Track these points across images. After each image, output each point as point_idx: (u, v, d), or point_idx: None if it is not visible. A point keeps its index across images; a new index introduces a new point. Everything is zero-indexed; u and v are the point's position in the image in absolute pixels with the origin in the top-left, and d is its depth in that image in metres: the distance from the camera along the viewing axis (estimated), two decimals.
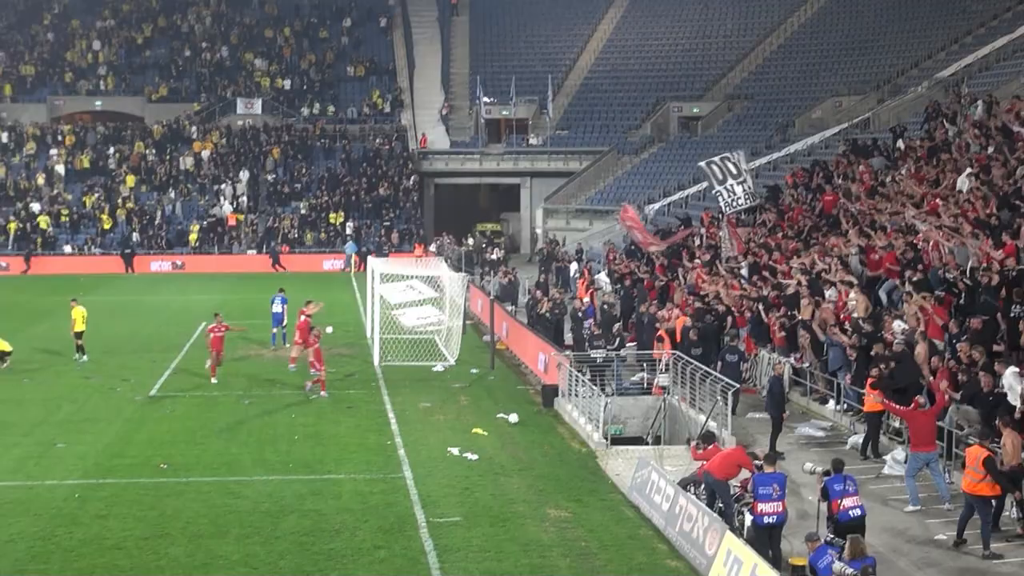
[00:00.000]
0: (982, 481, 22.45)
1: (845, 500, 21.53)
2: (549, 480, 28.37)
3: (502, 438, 32.49)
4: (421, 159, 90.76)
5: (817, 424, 32.79)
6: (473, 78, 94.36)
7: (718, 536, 21.62)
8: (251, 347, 45.96)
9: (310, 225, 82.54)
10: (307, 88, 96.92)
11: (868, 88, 78.68)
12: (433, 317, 44.97)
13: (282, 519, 25.16)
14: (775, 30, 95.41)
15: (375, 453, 30.72)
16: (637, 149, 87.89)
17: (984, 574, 21.46)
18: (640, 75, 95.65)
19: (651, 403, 33.63)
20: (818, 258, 39.79)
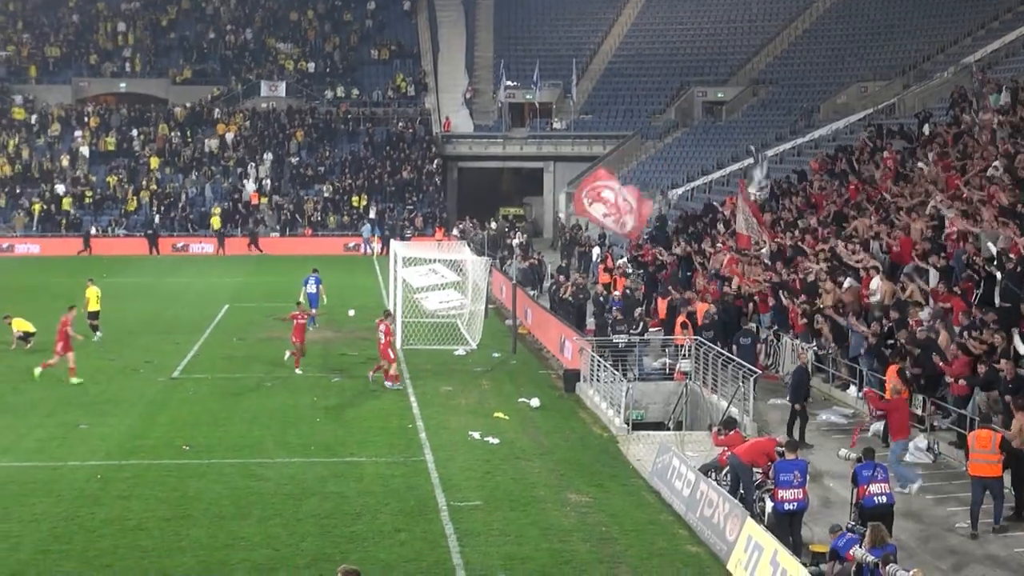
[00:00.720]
0: (991, 463, 22.75)
1: (872, 486, 21.48)
2: (570, 465, 28.40)
3: (523, 422, 32.53)
4: (444, 143, 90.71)
5: (839, 411, 32.72)
6: (497, 62, 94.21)
7: (739, 522, 21.62)
8: (277, 329, 46.02)
9: (333, 207, 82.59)
10: (331, 71, 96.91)
11: (893, 73, 78.42)
12: (455, 301, 44.98)
13: (304, 501, 25.24)
14: (801, 15, 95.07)
15: (397, 436, 30.77)
16: (661, 134, 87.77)
17: (1004, 563, 21.39)
18: (664, 59, 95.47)
19: (673, 388, 33.64)
20: (842, 244, 39.65)
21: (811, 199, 49.99)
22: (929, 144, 48.25)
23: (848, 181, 49.43)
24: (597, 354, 34.49)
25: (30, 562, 21.65)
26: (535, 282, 54.87)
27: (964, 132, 46.79)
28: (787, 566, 19.47)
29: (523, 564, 21.65)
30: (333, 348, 42.84)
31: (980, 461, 23.00)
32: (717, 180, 72.15)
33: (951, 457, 27.28)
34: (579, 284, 47.16)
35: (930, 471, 26.91)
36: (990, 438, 23.01)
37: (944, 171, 42.27)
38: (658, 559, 22.11)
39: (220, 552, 22.10)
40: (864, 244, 38.77)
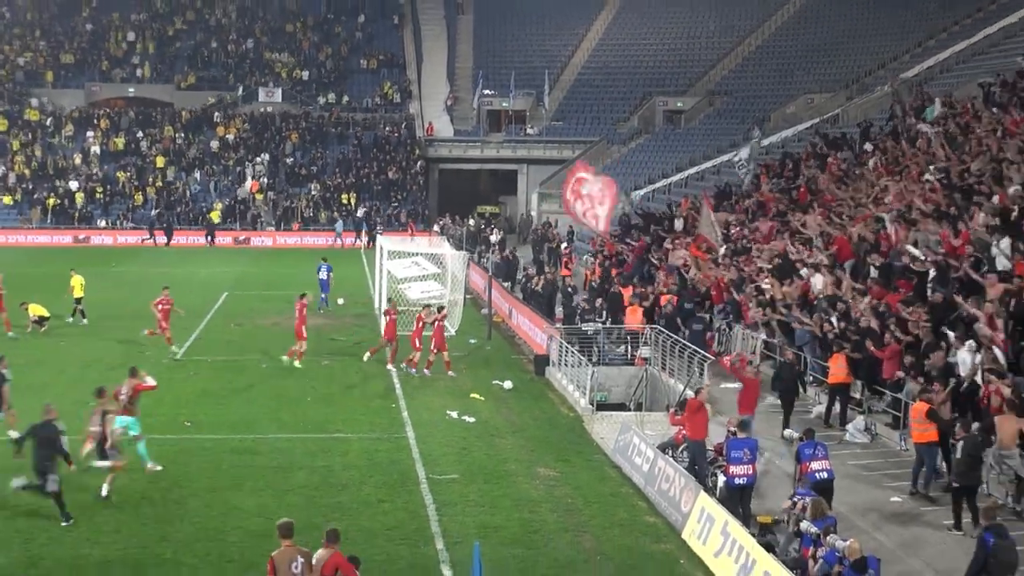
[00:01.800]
0: (925, 431, 23.11)
1: (814, 463, 21.59)
2: (539, 442, 28.42)
3: (497, 403, 32.53)
4: (427, 146, 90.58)
5: None
6: (476, 72, 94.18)
7: (693, 495, 21.68)
8: (272, 316, 45.92)
9: (324, 205, 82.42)
10: (323, 79, 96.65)
11: (838, 86, 78.54)
12: (436, 291, 44.94)
13: (294, 474, 25.21)
14: (754, 32, 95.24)
15: (381, 415, 30.74)
16: (625, 139, 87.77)
17: (925, 541, 21.47)
18: (629, 71, 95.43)
19: (633, 372, 33.64)
20: (789, 242, 39.72)
21: (761, 200, 50.06)
22: (871, 153, 48.35)
23: (796, 184, 49.51)
24: (565, 340, 34.53)
25: (40, 528, 21.56)
26: (509, 275, 54.83)
27: (901, 141, 46.90)
28: (736, 535, 19.54)
29: (496, 532, 21.66)
30: (324, 333, 42.71)
31: (916, 430, 23.56)
32: (676, 183, 72.16)
33: (887, 437, 27.36)
34: (548, 277, 47.14)
35: (867, 450, 27.02)
36: (920, 410, 23.45)
37: (883, 177, 42.37)
38: (619, 528, 22.15)
39: (216, 521, 22.05)
40: (809, 242, 38.84)
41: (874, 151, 48.06)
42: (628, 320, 37.45)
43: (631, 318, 37.40)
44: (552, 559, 20.52)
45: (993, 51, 62.80)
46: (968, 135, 41.78)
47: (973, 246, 30.73)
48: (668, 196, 67.62)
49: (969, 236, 31.22)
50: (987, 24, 69.71)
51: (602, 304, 40.92)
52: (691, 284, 41.05)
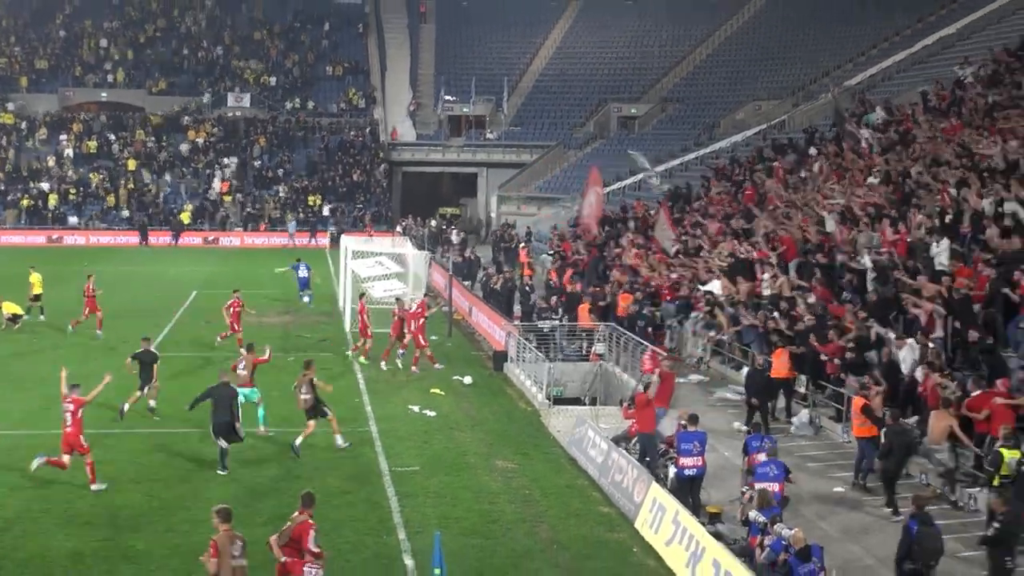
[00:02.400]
0: (863, 425, 23.26)
1: (760, 455, 21.55)
2: (498, 435, 28.43)
3: (457, 398, 32.49)
4: (391, 150, 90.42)
5: (733, 388, 32.84)
6: (438, 79, 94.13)
7: (645, 486, 21.71)
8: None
9: (291, 207, 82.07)
10: (290, 85, 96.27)
11: (785, 93, 78.88)
12: (398, 289, 44.83)
13: (261, 466, 25.14)
14: (704, 41, 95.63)
15: (345, 409, 30.51)
16: (581, 144, 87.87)
17: (867, 529, 21.58)
18: (585, 79, 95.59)
19: (588, 368, 33.70)
20: (738, 243, 39.86)
21: (711, 202, 50.26)
22: (815, 157, 48.61)
23: (743, 188, 49.72)
24: (523, 337, 34.53)
25: (15, 519, 21.45)
26: (469, 274, 54.72)
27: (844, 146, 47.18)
28: (687, 525, 19.59)
29: (456, 523, 21.63)
30: (292, 330, 42.59)
31: (855, 424, 23.84)
32: (630, 186, 72.33)
33: (831, 430, 27.49)
34: (506, 276, 47.09)
35: (812, 442, 27.14)
36: (857, 404, 23.73)
37: (827, 180, 42.60)
38: (575, 519, 22.16)
39: (186, 512, 21.92)
40: (755, 243, 38.99)
41: (818, 155, 48.33)
42: (580, 318, 37.51)
43: (583, 316, 37.46)
44: (510, 549, 20.51)
45: (931, 60, 63.30)
46: (907, 141, 42.09)
47: (912, 247, 30.96)
48: (622, 198, 67.73)
49: (907, 237, 31.45)
50: (925, 35, 70.27)
51: (558, 302, 40.92)
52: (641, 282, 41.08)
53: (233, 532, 15.93)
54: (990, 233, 28.72)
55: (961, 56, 52.96)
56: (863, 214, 35.19)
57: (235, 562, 15.77)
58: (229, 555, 15.71)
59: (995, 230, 28.69)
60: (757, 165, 53.79)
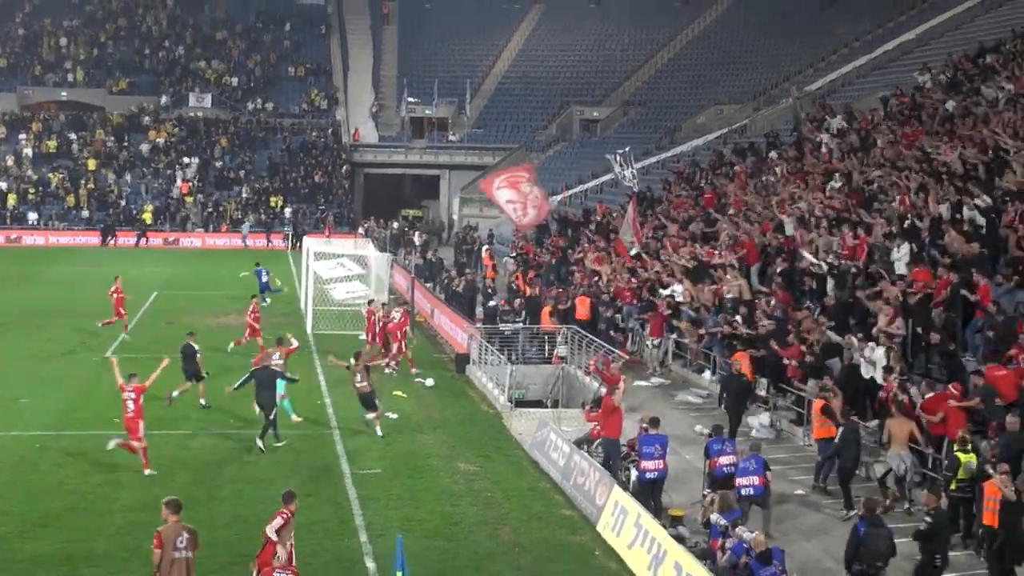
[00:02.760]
0: (823, 427, 23.35)
1: (721, 458, 21.64)
2: (460, 438, 28.43)
3: (419, 400, 32.47)
4: (353, 151, 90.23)
5: (695, 391, 32.96)
6: (400, 80, 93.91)
7: (607, 489, 21.75)
8: (201, 314, 45.45)
9: (252, 208, 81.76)
10: (253, 85, 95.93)
11: (746, 98, 79.24)
12: (360, 291, 44.83)
13: (223, 469, 25.02)
14: (666, 45, 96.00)
15: (307, 411, 30.49)
16: (543, 147, 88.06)
17: (826, 531, 21.70)
18: (548, 81, 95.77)
19: (551, 371, 33.73)
20: (699, 246, 39.94)
21: (672, 206, 50.35)
22: (776, 161, 48.84)
23: (704, 191, 49.86)
24: (485, 340, 34.55)
25: None
26: (431, 276, 54.66)
27: (805, 151, 47.42)
28: (649, 528, 19.64)
29: (419, 525, 21.61)
30: None
31: (815, 426, 23.99)
32: (592, 188, 72.37)
33: (791, 433, 27.60)
34: (468, 279, 47.03)
35: (773, 445, 27.24)
36: (816, 407, 23.93)
37: (788, 184, 42.78)
38: (536, 521, 22.19)
39: (146, 513, 21.72)
40: (716, 247, 39.10)
41: (779, 159, 48.56)
42: (543, 321, 37.49)
43: (545, 319, 37.45)
44: (472, 551, 20.51)
45: (892, 66, 63.70)
46: (868, 146, 42.34)
47: (872, 251, 31.14)
48: (584, 201, 67.81)
49: (867, 241, 31.62)
50: (885, 40, 70.73)
51: (521, 304, 40.95)
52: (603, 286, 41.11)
53: (182, 524, 15.89)
54: (949, 238, 28.94)
55: (921, 62, 53.35)
56: (823, 218, 35.36)
57: (178, 554, 15.69)
58: (172, 547, 15.66)
59: (954, 235, 28.92)
60: (718, 169, 54.00)
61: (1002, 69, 42.21)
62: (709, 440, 22.36)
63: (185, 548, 15.71)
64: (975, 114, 38.41)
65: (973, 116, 38.19)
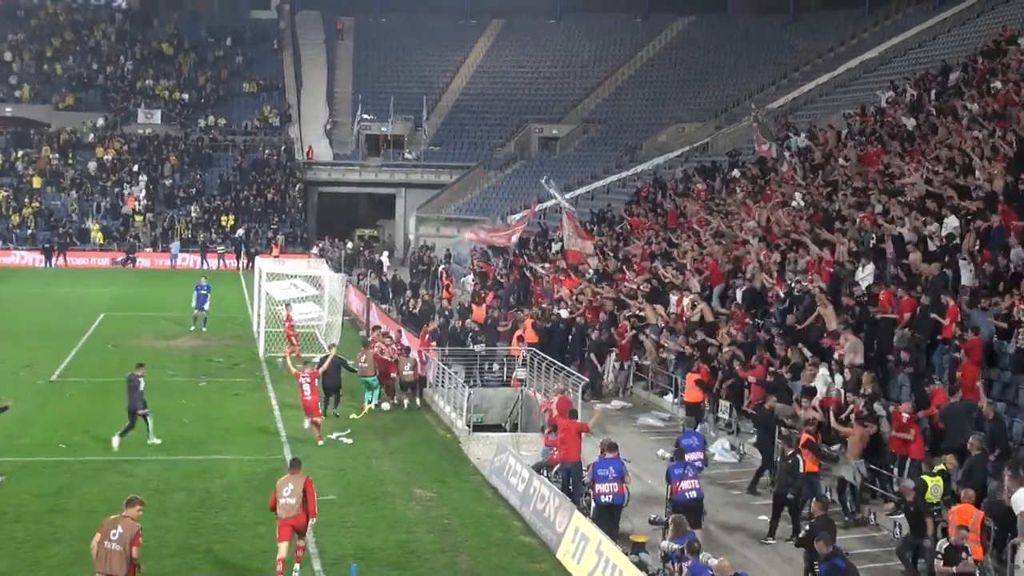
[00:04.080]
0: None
1: (683, 483, 21.53)
2: (417, 463, 28.28)
3: (375, 424, 32.29)
4: (306, 169, 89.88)
5: (657, 415, 33.05)
6: (355, 97, 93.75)
7: (567, 515, 21.67)
8: (147, 336, 45.12)
9: (203, 227, 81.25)
10: (203, 102, 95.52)
11: (708, 116, 79.64)
12: (314, 313, 44.62)
13: (171, 496, 24.75)
14: (627, 62, 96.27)
15: (259, 436, 30.34)
16: (501, 165, 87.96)
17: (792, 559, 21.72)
18: (506, 98, 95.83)
19: (509, 394, 33.64)
20: (660, 267, 40.04)
21: (632, 226, 50.50)
22: (738, 180, 49.12)
23: (665, 210, 50.04)
24: (443, 363, 34.45)
25: None
26: (388, 298, 54.36)
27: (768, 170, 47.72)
28: (610, 555, 19.56)
29: (374, 554, 21.46)
30: (202, 354, 42.12)
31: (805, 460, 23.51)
32: (551, 208, 72.40)
33: (755, 456, 27.63)
34: (424, 299, 46.84)
35: (736, 469, 27.30)
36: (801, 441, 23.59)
37: (749, 203, 43.01)
38: (495, 548, 22.08)
39: (90, 544, 21.49)
40: (681, 267, 39.23)
41: (741, 178, 48.83)
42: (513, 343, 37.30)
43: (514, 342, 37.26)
44: None
45: (854, 84, 64.30)
46: (830, 165, 42.64)
47: (835, 273, 31.33)
48: (543, 221, 67.85)
49: (830, 262, 31.82)
50: (848, 59, 71.39)
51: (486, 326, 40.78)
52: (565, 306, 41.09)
53: (126, 518, 16.70)
54: (913, 258, 29.15)
55: (884, 79, 53.85)
56: (785, 239, 35.57)
57: (109, 545, 16.38)
58: (107, 536, 16.57)
59: (918, 255, 29.14)
60: (679, 187, 54.24)
61: (966, 88, 42.63)
62: (670, 465, 22.30)
63: (117, 541, 16.38)
64: (939, 133, 38.74)
65: (937, 135, 38.51)
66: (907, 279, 28.56)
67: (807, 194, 39.92)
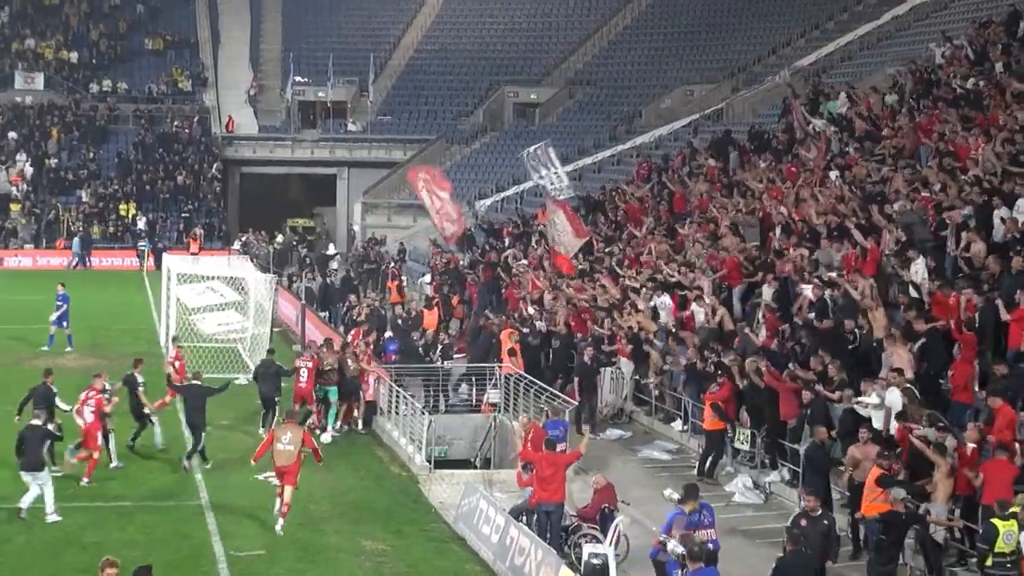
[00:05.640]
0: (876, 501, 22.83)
1: (699, 532, 21.37)
2: (365, 509, 28.23)
3: (312, 460, 32.10)
4: (225, 145, 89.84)
5: (662, 446, 33.01)
6: (285, 55, 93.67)
7: (553, 571, 21.61)
8: (23, 354, 44.90)
9: (97, 217, 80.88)
10: (97, 62, 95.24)
11: (721, 76, 79.68)
12: (236, 323, 44.51)
13: (61, 552, 24.65)
14: (621, 10, 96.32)
15: (166, 476, 30.21)
16: (468, 138, 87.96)
17: None
18: (472, 56, 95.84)
19: (480, 422, 33.55)
20: (664, 264, 40.03)
21: (629, 213, 50.47)
22: (760, 156, 49.11)
23: (671, 193, 50.01)
24: (397, 384, 34.35)
25: None
26: (328, 303, 54.06)
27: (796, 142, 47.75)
28: None
29: None
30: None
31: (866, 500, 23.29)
32: (529, 190, 72.33)
33: (784, 497, 27.62)
34: (373, 306, 46.56)
35: (761, 512, 27.30)
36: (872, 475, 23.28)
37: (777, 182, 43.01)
38: None
39: None
40: (689, 263, 39.23)
41: (764, 154, 48.83)
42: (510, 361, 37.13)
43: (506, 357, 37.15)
44: None
45: (901, 35, 64.34)
46: (874, 136, 42.66)
47: (882, 267, 31.34)
48: (520, 207, 67.90)
49: (878, 256, 31.80)
50: (894, 4, 71.37)
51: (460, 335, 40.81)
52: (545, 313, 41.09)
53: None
54: (976, 249, 29.14)
55: (938, 30, 53.90)
56: (820, 225, 35.55)
57: None
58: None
59: (981, 246, 29.13)
60: (688, 165, 54.24)
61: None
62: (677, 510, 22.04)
63: None
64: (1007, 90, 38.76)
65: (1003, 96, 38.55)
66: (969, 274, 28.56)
67: (845, 172, 39.93)
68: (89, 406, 29.52)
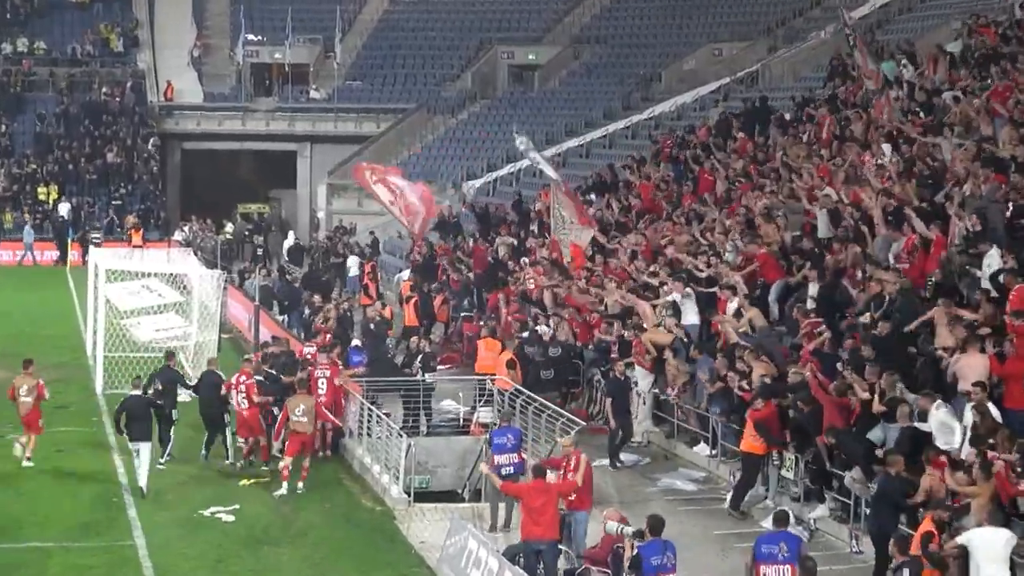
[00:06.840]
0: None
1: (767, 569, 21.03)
2: (331, 549, 28.25)
3: (269, 493, 32.16)
4: (164, 116, 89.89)
5: (687, 474, 33.00)
6: (235, 9, 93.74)
7: None
8: None
9: (11, 202, 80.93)
10: (9, 17, 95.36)
11: (756, 33, 79.73)
12: (177, 329, 44.51)
13: None
14: None
15: (95, 512, 30.21)
16: (454, 107, 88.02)
17: None
18: (458, 10, 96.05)
19: (469, 446, 33.50)
20: (687, 256, 40.06)
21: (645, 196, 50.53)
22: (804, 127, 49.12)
23: (695, 172, 50.08)
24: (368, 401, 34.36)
25: None
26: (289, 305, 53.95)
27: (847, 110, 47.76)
28: None
29: None
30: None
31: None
32: (527, 169, 72.36)
33: (832, 534, 27.59)
34: (342, 308, 46.53)
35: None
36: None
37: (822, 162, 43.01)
38: None
39: None
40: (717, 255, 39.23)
41: (808, 124, 48.84)
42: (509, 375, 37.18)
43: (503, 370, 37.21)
44: None
45: None
46: (938, 104, 42.69)
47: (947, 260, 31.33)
48: (517, 188, 67.89)
49: (943, 243, 31.80)
50: None
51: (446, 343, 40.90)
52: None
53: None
54: None
55: None
56: (875, 208, 35.53)
57: None
58: None
59: None
60: (716, 138, 54.24)
61: None
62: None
63: None
64: None
65: None
66: None
67: (903, 147, 39.91)
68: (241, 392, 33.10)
